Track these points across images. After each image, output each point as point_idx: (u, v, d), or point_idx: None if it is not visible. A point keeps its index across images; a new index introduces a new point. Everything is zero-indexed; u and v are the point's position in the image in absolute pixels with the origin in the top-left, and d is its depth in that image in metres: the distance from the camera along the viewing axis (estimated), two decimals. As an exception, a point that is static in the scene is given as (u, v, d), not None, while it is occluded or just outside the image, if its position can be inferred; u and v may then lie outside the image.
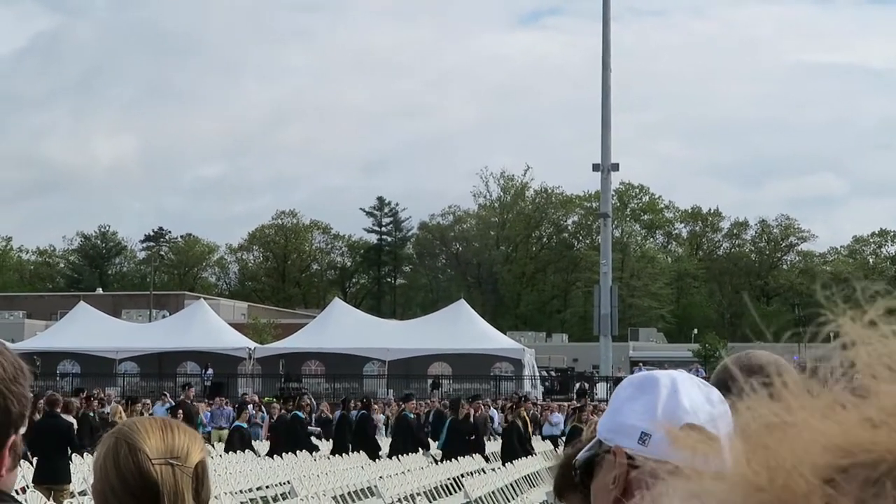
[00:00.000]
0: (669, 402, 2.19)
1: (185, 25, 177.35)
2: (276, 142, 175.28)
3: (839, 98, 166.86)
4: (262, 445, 32.04)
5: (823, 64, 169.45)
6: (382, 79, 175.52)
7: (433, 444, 32.37)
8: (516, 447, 29.56)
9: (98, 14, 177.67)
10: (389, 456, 28.88)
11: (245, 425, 28.59)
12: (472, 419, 29.88)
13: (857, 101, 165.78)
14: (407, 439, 30.27)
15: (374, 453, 29.69)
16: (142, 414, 30.18)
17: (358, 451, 29.31)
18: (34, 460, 18.96)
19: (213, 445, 30.06)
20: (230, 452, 27.39)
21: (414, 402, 35.93)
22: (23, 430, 2.19)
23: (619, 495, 2.20)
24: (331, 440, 32.39)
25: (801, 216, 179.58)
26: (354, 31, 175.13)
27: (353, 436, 30.66)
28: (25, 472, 18.83)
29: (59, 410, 19.67)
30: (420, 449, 30.61)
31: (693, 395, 2.21)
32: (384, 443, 32.60)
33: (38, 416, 20.25)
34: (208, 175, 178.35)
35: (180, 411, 29.33)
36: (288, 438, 28.80)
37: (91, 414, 30.04)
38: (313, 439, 31.95)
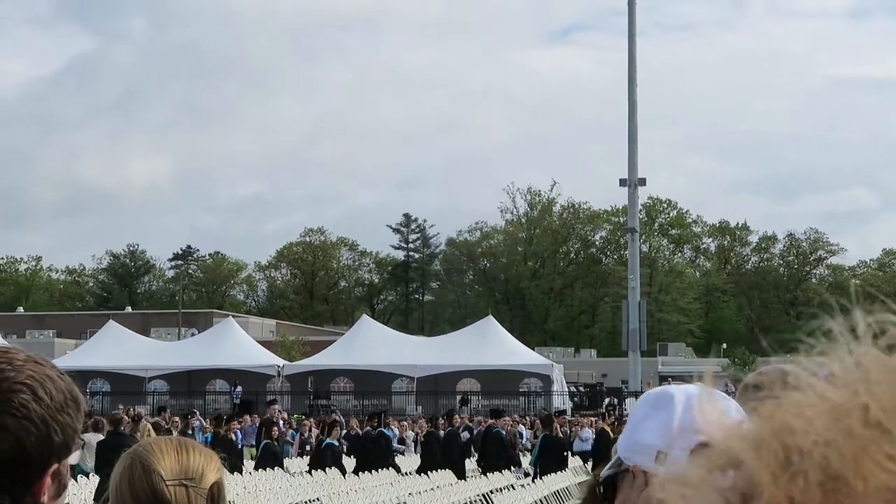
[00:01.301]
0: (685, 418, 2.16)
1: (220, 45, 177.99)
2: (311, 160, 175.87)
3: (871, 112, 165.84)
4: (292, 463, 31.99)
5: (854, 78, 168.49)
6: (416, 96, 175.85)
7: (525, 461, 32.19)
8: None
9: (135, 37, 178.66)
10: (483, 473, 28.56)
11: (336, 443, 28.35)
12: (560, 435, 29.63)
13: (890, 114, 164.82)
14: (497, 456, 29.94)
15: (461, 469, 29.48)
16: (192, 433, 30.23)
17: (445, 468, 28.93)
18: (97, 478, 19.10)
19: (244, 463, 29.99)
20: (319, 470, 27.06)
21: (507, 418, 35.67)
22: (73, 461, 2.13)
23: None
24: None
25: (832, 230, 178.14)
26: (388, 49, 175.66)
27: (441, 453, 30.41)
28: (91, 488, 19.03)
29: (123, 429, 19.87)
30: (511, 466, 30.23)
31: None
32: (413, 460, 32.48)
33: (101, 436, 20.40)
34: (243, 194, 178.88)
35: (274, 429, 29.37)
36: (375, 455, 28.75)
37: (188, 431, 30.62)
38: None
